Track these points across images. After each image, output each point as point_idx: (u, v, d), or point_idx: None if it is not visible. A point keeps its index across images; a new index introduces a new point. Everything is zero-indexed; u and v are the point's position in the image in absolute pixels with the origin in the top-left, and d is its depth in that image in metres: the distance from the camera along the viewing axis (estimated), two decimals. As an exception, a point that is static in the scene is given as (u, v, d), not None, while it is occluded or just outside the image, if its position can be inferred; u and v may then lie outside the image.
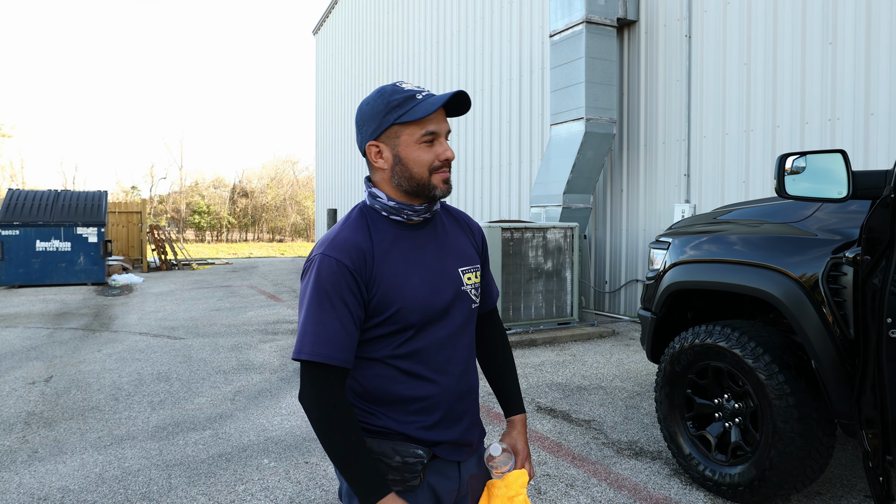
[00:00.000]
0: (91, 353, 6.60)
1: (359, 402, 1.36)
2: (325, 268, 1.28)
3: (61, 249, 13.57)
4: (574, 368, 5.77)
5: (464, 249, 1.46)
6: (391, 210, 1.36)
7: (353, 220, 1.36)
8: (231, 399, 4.88)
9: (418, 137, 1.32)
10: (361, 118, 1.35)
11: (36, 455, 3.75)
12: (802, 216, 2.95)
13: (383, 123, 1.32)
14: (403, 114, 1.30)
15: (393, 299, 1.31)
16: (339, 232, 1.33)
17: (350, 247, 1.30)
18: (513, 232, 7.04)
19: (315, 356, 1.25)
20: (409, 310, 1.32)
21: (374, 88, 1.39)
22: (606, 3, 8.28)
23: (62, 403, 4.79)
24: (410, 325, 1.33)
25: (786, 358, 2.82)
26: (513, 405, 1.57)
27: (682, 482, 3.27)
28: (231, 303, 10.54)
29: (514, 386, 1.59)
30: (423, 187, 1.34)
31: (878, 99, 5.93)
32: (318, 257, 1.30)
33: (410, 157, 1.33)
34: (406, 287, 1.32)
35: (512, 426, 1.54)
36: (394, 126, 1.32)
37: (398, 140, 1.33)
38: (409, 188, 1.34)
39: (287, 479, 3.38)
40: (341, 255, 1.28)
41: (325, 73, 22.15)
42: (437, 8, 13.79)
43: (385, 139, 1.33)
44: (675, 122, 8.01)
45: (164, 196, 48.65)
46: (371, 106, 1.34)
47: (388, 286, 1.31)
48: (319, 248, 1.32)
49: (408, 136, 1.32)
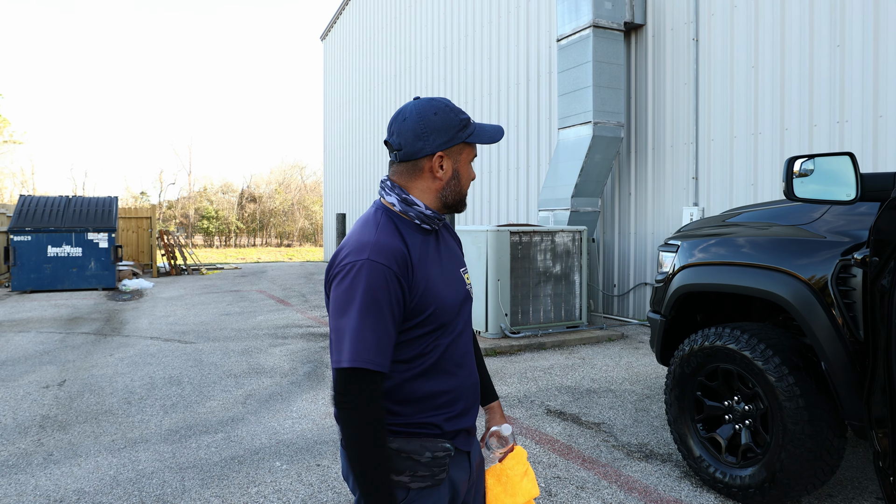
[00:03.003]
0: (103, 357, 6.66)
1: (387, 403, 1.38)
2: (375, 274, 1.28)
3: (73, 255, 13.68)
4: (583, 371, 5.77)
5: (457, 252, 1.57)
6: (425, 219, 1.42)
7: (385, 225, 1.38)
8: (242, 402, 4.92)
9: (472, 157, 1.47)
10: (428, 127, 1.37)
11: (51, 458, 3.79)
12: (811, 218, 2.96)
13: (456, 138, 1.40)
14: (471, 134, 1.42)
15: (429, 301, 1.36)
16: (377, 236, 1.33)
17: (395, 252, 1.32)
18: (521, 236, 7.05)
19: (366, 363, 1.25)
20: (442, 310, 1.38)
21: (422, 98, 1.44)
22: (614, 7, 8.30)
23: (76, 407, 4.84)
24: (442, 325, 1.39)
25: (795, 360, 2.82)
26: (491, 393, 1.70)
27: (693, 484, 3.28)
28: (241, 307, 10.60)
29: (487, 375, 1.71)
30: (461, 202, 1.47)
31: (886, 101, 5.92)
32: (366, 263, 1.28)
33: (465, 175, 1.45)
34: (437, 288, 1.38)
35: (493, 412, 1.67)
36: (462, 143, 1.42)
37: (460, 157, 1.43)
38: (451, 201, 1.45)
39: (299, 481, 3.41)
40: (388, 260, 1.30)
41: (332, 79, 22.26)
42: (444, 13, 13.85)
43: (450, 153, 1.42)
44: (682, 125, 8.01)
45: (173, 201, 48.94)
46: (441, 118, 1.39)
47: (424, 288, 1.36)
48: (360, 252, 1.30)
49: (467, 155, 1.45)
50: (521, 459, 1.52)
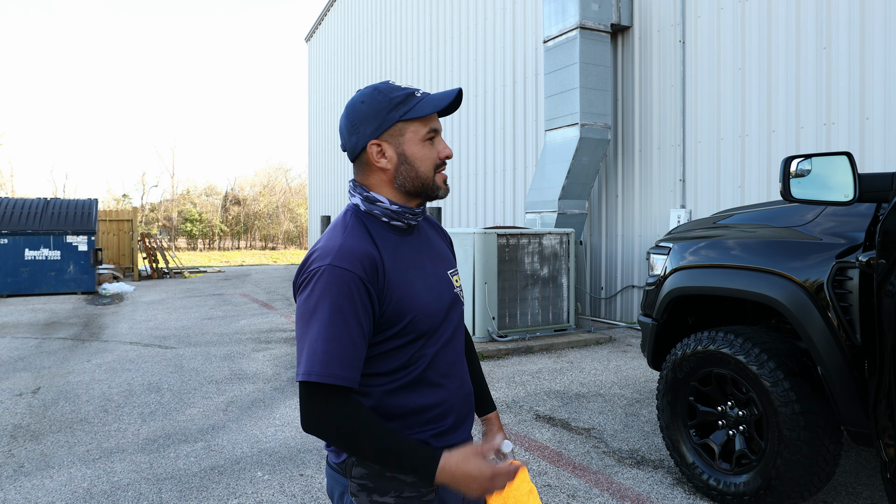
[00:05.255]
0: (80, 363, 6.48)
1: None
2: (336, 280, 1.18)
3: (51, 258, 13.41)
4: (572, 376, 5.70)
5: (446, 253, 1.45)
6: (392, 215, 1.30)
7: (353, 227, 1.28)
8: (224, 410, 4.78)
9: (423, 135, 1.29)
10: (357, 117, 1.28)
11: (22, 469, 3.64)
12: (805, 220, 2.91)
13: (387, 121, 1.26)
14: (408, 110, 1.26)
15: (406, 309, 1.25)
16: (342, 240, 1.24)
17: (362, 256, 1.21)
18: (508, 238, 6.98)
19: (326, 377, 1.15)
20: (421, 318, 1.27)
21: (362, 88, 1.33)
22: (600, 9, 8.27)
23: (50, 416, 4.68)
24: (422, 334, 1.28)
25: (791, 364, 2.77)
26: (488, 403, 1.57)
27: (686, 492, 3.21)
28: (223, 311, 10.42)
29: (484, 384, 1.59)
30: (427, 187, 1.31)
31: (873, 103, 5.92)
32: (327, 269, 1.19)
33: (417, 155, 1.28)
34: (415, 295, 1.27)
35: (491, 423, 1.55)
36: (398, 123, 1.27)
37: (403, 138, 1.28)
38: (412, 188, 1.30)
39: (282, 492, 3.29)
40: (353, 265, 1.20)
41: (317, 81, 22.10)
42: (430, 14, 13.77)
43: (388, 137, 1.28)
44: (669, 128, 8.00)
45: (156, 204, 48.35)
46: (369, 104, 1.27)
47: (399, 295, 1.25)
48: (324, 258, 1.21)
49: (412, 134, 1.28)
50: (525, 477, 1.41)
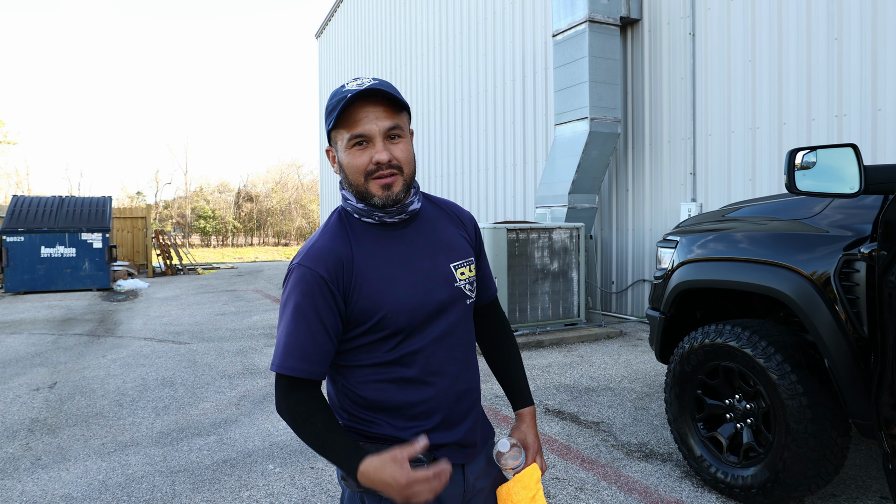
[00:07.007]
0: (95, 358, 6.58)
1: (358, 410, 1.33)
2: (301, 279, 1.25)
3: (66, 255, 13.58)
4: (582, 370, 5.71)
5: (455, 243, 1.39)
6: (362, 213, 1.32)
7: (332, 226, 1.32)
8: (236, 404, 4.84)
9: (347, 143, 1.26)
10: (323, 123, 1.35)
11: (39, 462, 3.72)
12: (812, 212, 2.90)
13: (326, 130, 1.30)
14: (332, 119, 1.26)
15: (378, 305, 1.26)
16: (316, 240, 1.30)
17: (327, 256, 1.26)
18: (518, 233, 6.99)
19: (283, 369, 1.25)
20: (397, 315, 1.27)
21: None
22: (609, 2, 8.22)
23: (66, 410, 4.76)
24: (399, 331, 1.28)
25: (798, 357, 2.76)
26: (520, 398, 1.51)
27: (694, 484, 3.22)
28: (236, 307, 10.52)
29: (520, 377, 1.53)
30: (363, 195, 1.28)
31: (885, 94, 5.86)
32: (296, 268, 1.27)
33: (345, 163, 1.28)
34: (392, 291, 1.27)
35: (521, 419, 1.49)
36: (331, 132, 1.29)
37: (338, 146, 1.29)
38: (359, 196, 1.29)
39: (292, 484, 3.34)
40: (316, 265, 1.25)
41: (327, 77, 22.15)
42: (438, 9, 13.76)
43: (334, 143, 1.31)
44: (680, 121, 7.95)
45: (170, 201, 48.77)
46: (326, 110, 1.29)
47: (370, 293, 1.26)
48: (298, 257, 1.29)
49: (342, 142, 1.27)
50: (531, 483, 1.38)
